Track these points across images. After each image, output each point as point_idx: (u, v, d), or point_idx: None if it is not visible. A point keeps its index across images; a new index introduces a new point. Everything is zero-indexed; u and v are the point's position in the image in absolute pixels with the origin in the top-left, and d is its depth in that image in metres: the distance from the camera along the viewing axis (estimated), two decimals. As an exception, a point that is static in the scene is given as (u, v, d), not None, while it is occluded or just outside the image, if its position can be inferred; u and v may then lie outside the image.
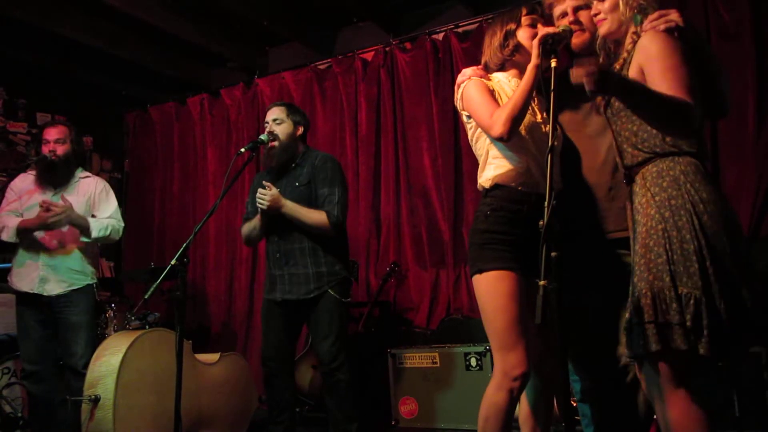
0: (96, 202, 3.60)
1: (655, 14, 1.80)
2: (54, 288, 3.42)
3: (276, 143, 3.13)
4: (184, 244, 2.51)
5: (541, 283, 1.61)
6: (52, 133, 3.56)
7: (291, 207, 3.01)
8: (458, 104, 2.18)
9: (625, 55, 1.86)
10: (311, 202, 3.06)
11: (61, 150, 3.51)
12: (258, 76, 5.43)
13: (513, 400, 1.98)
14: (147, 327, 3.88)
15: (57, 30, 4.72)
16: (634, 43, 1.83)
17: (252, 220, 3.20)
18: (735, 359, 2.09)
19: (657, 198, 1.72)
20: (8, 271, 3.60)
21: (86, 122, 5.85)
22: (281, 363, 3.10)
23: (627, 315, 1.72)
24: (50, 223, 3.35)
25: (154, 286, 2.48)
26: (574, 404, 2.23)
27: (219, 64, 5.85)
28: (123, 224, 3.68)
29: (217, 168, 5.56)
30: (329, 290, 3.04)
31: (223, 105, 5.60)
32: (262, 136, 3.14)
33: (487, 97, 2.06)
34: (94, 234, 3.47)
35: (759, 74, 3.62)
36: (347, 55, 5.02)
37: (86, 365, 3.26)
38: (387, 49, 4.85)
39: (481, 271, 2.00)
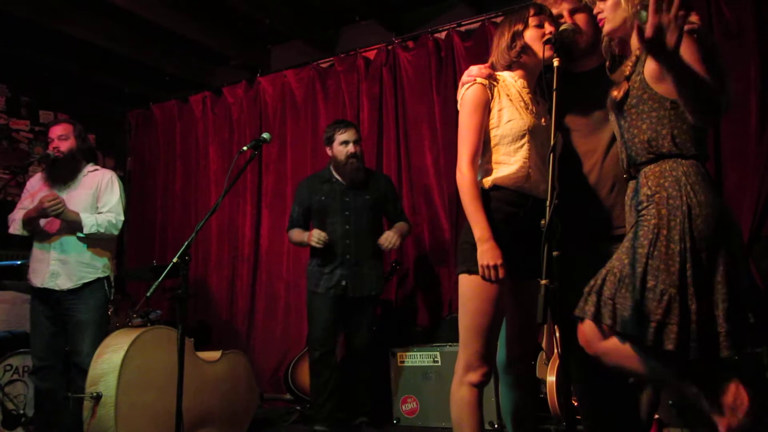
0: (101, 194, 3.60)
1: None
2: (65, 282, 3.43)
3: (356, 161, 3.71)
4: (186, 242, 2.52)
5: (543, 282, 1.61)
6: (56, 131, 3.58)
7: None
8: (458, 104, 2.18)
9: (637, 52, 1.84)
10: (378, 214, 3.82)
11: (64, 146, 3.53)
12: (260, 75, 5.43)
13: (478, 393, 2.03)
14: (149, 325, 3.89)
15: (60, 28, 4.72)
16: None
17: (302, 231, 3.77)
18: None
19: (656, 196, 1.74)
20: (9, 268, 3.62)
21: (89, 120, 5.83)
22: (331, 351, 3.66)
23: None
24: (47, 208, 3.32)
25: (156, 283, 2.48)
26: (575, 404, 2.23)
27: (221, 63, 5.86)
28: (122, 218, 3.61)
29: (219, 166, 5.57)
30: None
31: (226, 103, 5.61)
32: (265, 135, 3.15)
33: (474, 127, 2.07)
34: (86, 230, 3.44)
35: (762, 73, 3.60)
36: (349, 53, 5.01)
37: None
38: (389, 47, 4.85)
39: (470, 272, 2.01)
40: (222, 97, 5.65)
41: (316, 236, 3.59)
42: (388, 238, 3.65)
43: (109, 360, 3.14)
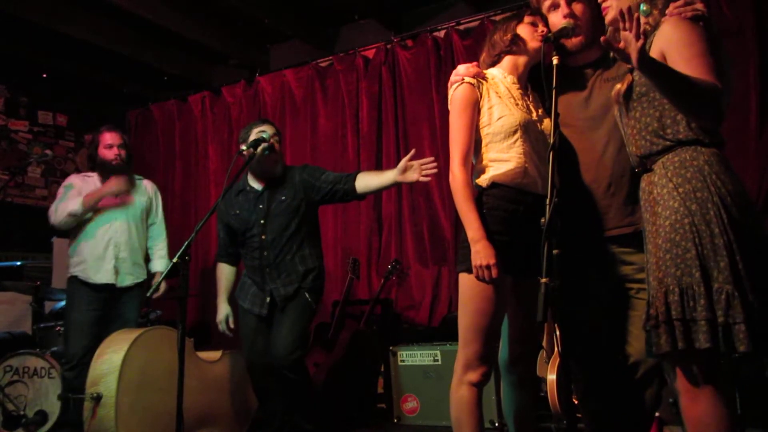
0: (154, 206, 3.93)
1: (680, 1, 1.76)
2: (124, 279, 3.68)
3: (274, 153, 3.25)
4: (186, 242, 2.52)
5: (543, 280, 1.61)
6: (115, 138, 3.74)
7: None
8: (449, 105, 2.18)
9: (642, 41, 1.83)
10: (299, 214, 3.22)
11: (124, 154, 3.74)
12: (259, 74, 5.43)
13: (478, 392, 2.03)
14: (149, 325, 3.89)
15: (59, 28, 4.72)
16: (648, 32, 1.78)
17: (231, 266, 3.45)
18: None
19: (681, 189, 1.66)
20: (9, 268, 3.67)
21: (88, 120, 5.86)
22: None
23: (651, 312, 1.66)
24: (116, 189, 3.62)
25: (156, 283, 2.49)
26: (576, 402, 2.23)
27: (220, 62, 5.85)
28: None
29: (218, 166, 5.56)
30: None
31: (225, 103, 5.60)
32: (264, 134, 3.16)
33: (465, 127, 2.06)
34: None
35: (761, 71, 3.61)
36: (349, 52, 5.01)
37: None
38: (388, 46, 4.85)
39: (470, 271, 2.00)
40: (221, 96, 5.64)
41: (221, 327, 3.40)
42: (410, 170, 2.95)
43: (109, 360, 3.14)
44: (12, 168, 5.10)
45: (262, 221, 3.20)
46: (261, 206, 3.22)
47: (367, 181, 3.15)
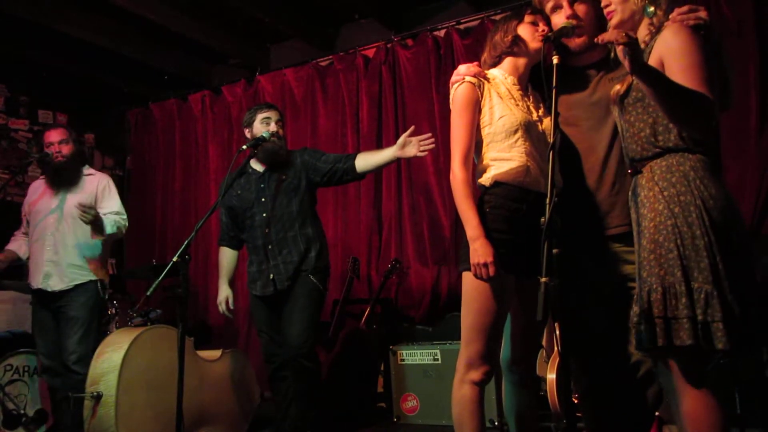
0: (99, 198, 3.67)
1: (685, 8, 1.78)
2: (56, 283, 3.50)
3: (279, 141, 3.26)
4: (186, 241, 2.53)
5: (543, 279, 1.61)
6: (55, 135, 3.65)
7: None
8: (450, 104, 2.18)
9: (642, 45, 1.82)
10: (300, 193, 3.25)
11: (66, 150, 3.61)
12: (260, 73, 5.42)
13: (479, 391, 2.03)
14: (149, 324, 3.89)
15: (59, 27, 4.72)
16: (652, 34, 1.80)
17: (232, 249, 3.47)
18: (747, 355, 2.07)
19: (665, 193, 1.70)
20: (9, 267, 3.72)
21: (88, 119, 5.87)
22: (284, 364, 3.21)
23: (635, 310, 1.70)
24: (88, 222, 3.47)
25: (156, 283, 2.49)
26: (576, 401, 2.24)
27: (221, 61, 5.85)
28: (126, 219, 3.76)
29: (218, 165, 5.56)
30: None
31: (225, 102, 5.60)
32: (264, 134, 3.18)
33: (466, 126, 2.06)
34: (108, 230, 3.57)
35: (761, 71, 3.61)
36: (349, 51, 5.01)
37: (77, 361, 3.34)
38: (388, 45, 4.85)
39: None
40: (221, 96, 5.64)
41: (221, 308, 3.41)
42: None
43: (109, 359, 3.14)
44: (12, 167, 5.11)
45: (263, 199, 3.26)
46: (263, 185, 3.28)
47: (366, 159, 3.21)
